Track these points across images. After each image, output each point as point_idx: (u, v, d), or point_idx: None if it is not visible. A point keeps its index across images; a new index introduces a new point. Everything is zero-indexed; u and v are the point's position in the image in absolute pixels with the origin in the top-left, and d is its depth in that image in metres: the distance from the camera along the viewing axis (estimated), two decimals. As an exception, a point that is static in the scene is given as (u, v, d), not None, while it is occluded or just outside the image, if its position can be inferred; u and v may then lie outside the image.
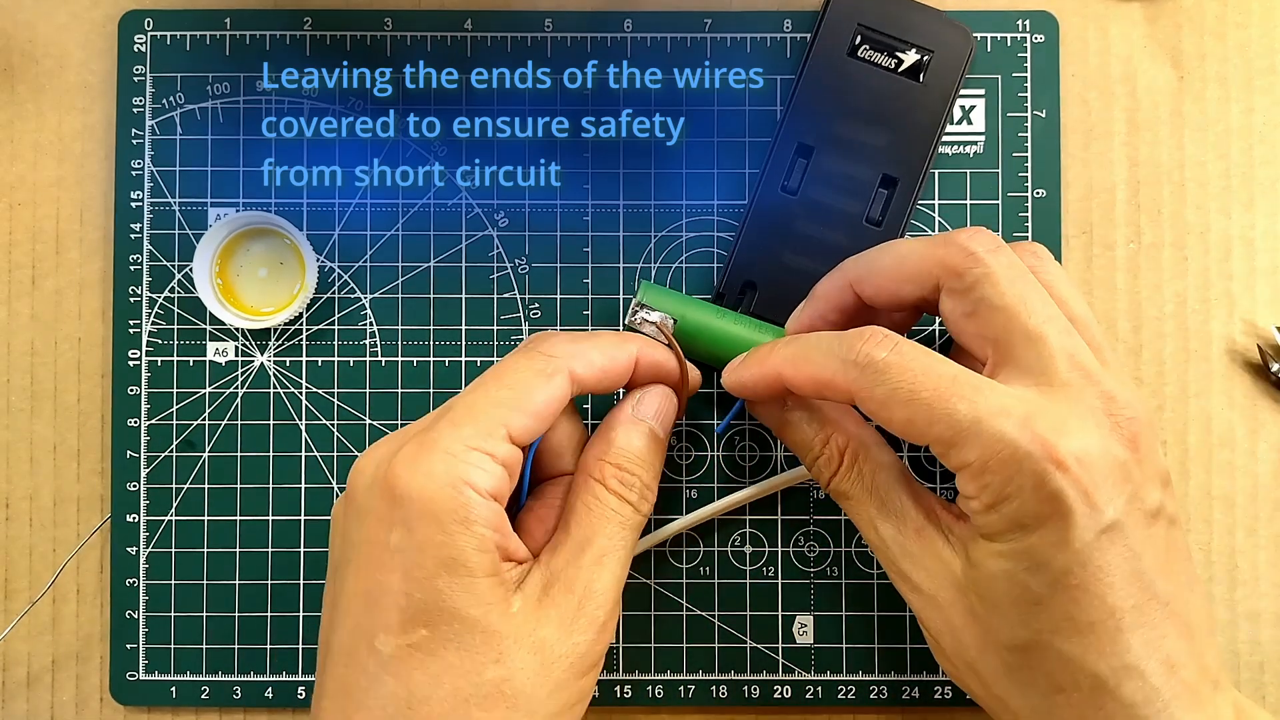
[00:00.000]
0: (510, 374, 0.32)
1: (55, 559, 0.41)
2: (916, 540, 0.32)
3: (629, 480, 0.33)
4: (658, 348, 0.36)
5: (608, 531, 0.32)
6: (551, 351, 0.32)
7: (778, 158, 0.40)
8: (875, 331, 0.31)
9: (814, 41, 0.40)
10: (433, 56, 0.41)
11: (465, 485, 0.29)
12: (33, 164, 0.41)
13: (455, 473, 0.29)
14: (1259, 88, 0.41)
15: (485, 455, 0.30)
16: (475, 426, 0.30)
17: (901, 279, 0.33)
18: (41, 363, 0.41)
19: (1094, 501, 0.28)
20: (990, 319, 0.31)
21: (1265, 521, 0.41)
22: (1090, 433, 0.29)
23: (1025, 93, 0.41)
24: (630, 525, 0.33)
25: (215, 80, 0.41)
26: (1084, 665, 0.28)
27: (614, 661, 0.40)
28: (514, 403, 0.31)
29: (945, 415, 0.29)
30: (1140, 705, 0.28)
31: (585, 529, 0.32)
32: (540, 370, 0.32)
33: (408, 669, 0.29)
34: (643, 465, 0.33)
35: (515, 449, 0.31)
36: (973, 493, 0.29)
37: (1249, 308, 0.41)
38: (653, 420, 0.34)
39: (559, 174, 0.41)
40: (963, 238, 0.32)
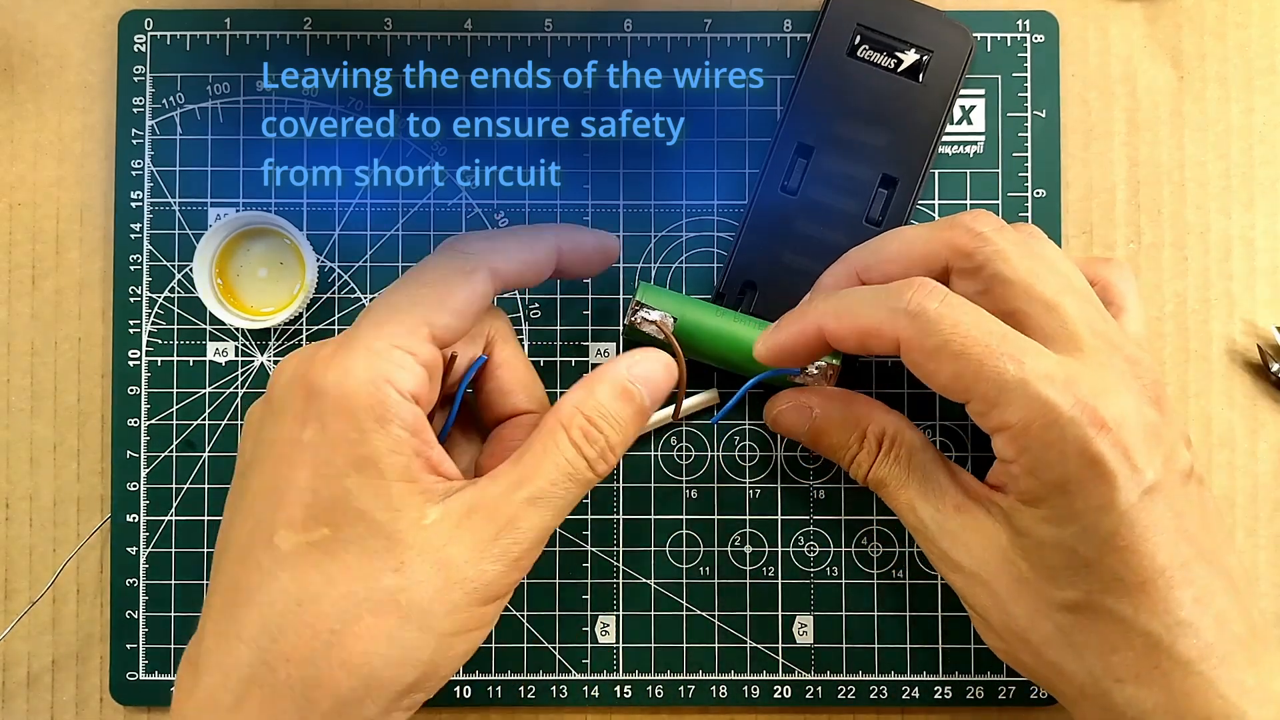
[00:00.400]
0: (430, 272, 0.31)
1: (55, 559, 0.41)
2: (957, 517, 0.32)
3: (594, 436, 0.31)
4: (578, 232, 0.35)
5: (553, 478, 0.30)
6: (468, 249, 0.32)
7: (778, 158, 0.40)
8: (925, 281, 0.31)
9: (814, 41, 0.40)
10: (433, 56, 0.41)
11: (385, 383, 0.29)
12: (33, 164, 0.41)
13: (376, 369, 0.29)
14: (1259, 88, 0.41)
15: (407, 354, 0.29)
16: (397, 325, 0.30)
17: (909, 264, 0.33)
18: (41, 363, 0.41)
19: (1135, 463, 0.29)
20: (1006, 294, 0.31)
21: (1265, 521, 0.41)
22: (1125, 396, 0.29)
23: (1025, 93, 0.41)
24: (578, 480, 0.31)
25: (215, 80, 0.41)
26: (1137, 624, 0.29)
27: (614, 661, 0.40)
28: (435, 300, 0.30)
29: (994, 373, 0.29)
30: (1196, 661, 0.28)
31: (531, 468, 0.30)
32: (459, 268, 0.31)
33: (304, 567, 0.28)
34: (614, 426, 0.32)
35: (436, 351, 0.30)
36: (1012, 455, 0.30)
37: (1249, 308, 0.41)
38: (640, 385, 0.33)
39: (559, 174, 0.41)
40: (967, 219, 0.32)
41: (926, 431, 0.41)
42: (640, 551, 0.40)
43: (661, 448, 0.41)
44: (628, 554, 0.40)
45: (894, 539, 0.40)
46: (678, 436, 0.41)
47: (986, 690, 0.40)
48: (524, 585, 0.40)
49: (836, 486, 0.41)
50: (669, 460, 0.41)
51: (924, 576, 0.40)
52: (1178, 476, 0.30)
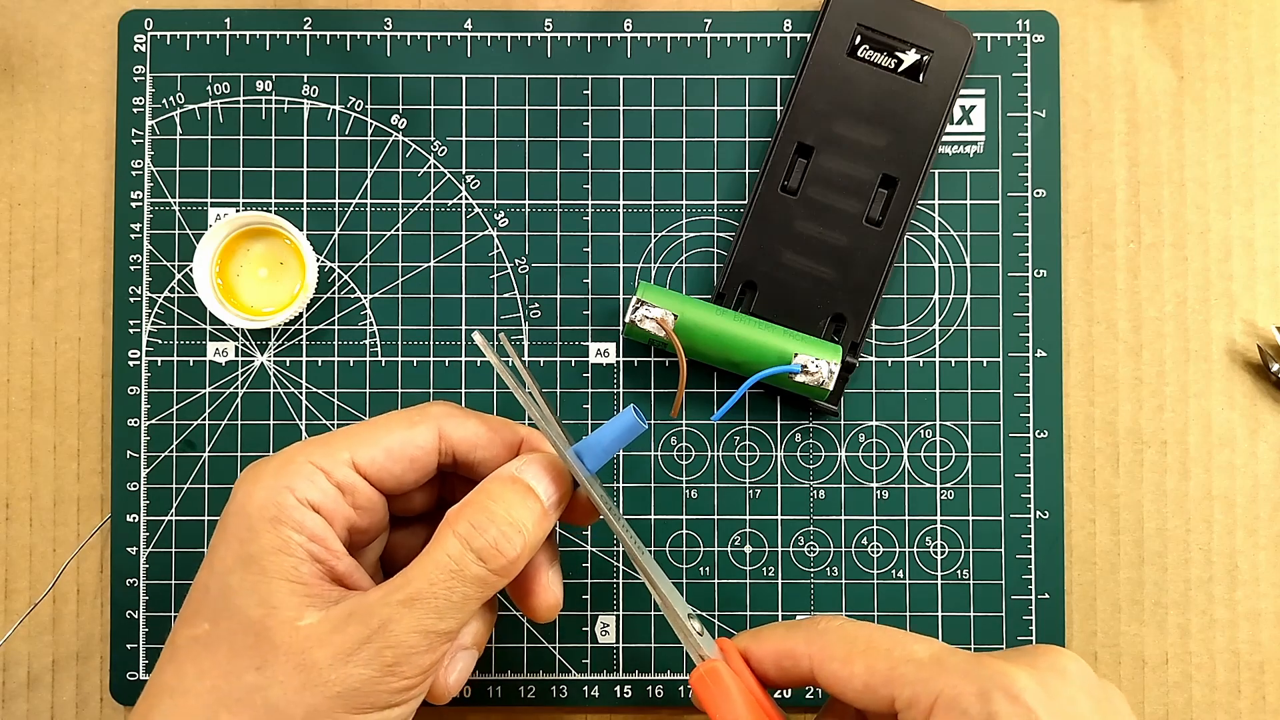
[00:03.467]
0: (381, 417, 0.32)
1: (55, 559, 0.41)
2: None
3: (482, 526, 0.30)
4: (543, 442, 0.33)
5: (431, 577, 0.29)
6: (428, 409, 0.33)
7: (778, 158, 0.40)
8: (833, 615, 0.31)
9: (814, 41, 0.40)
10: (433, 56, 0.41)
11: (285, 489, 0.29)
12: (33, 164, 0.41)
13: (280, 478, 0.30)
14: (1259, 88, 0.41)
15: (318, 470, 0.30)
16: (320, 446, 0.31)
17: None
18: (41, 363, 0.41)
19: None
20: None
21: (1265, 521, 0.41)
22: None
23: (1025, 93, 0.41)
24: (464, 576, 0.29)
25: (215, 80, 0.41)
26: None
27: (614, 661, 0.40)
28: (367, 435, 0.31)
29: (905, 654, 0.29)
30: None
31: (412, 569, 0.29)
32: (407, 417, 0.32)
33: (182, 660, 0.29)
34: (505, 513, 0.30)
35: (357, 478, 0.31)
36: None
37: (1249, 308, 0.41)
38: (530, 478, 0.31)
39: (559, 174, 0.41)
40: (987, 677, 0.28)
41: (927, 431, 0.41)
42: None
43: (661, 448, 0.41)
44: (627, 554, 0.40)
45: (894, 539, 0.40)
46: (678, 436, 0.41)
47: (986, 690, 0.40)
48: (524, 585, 0.40)
49: (836, 487, 0.41)
50: (669, 460, 0.41)
51: (924, 576, 0.40)
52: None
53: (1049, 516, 0.40)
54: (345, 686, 0.28)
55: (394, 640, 0.28)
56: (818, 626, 0.31)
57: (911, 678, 0.28)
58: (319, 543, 0.30)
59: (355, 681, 0.28)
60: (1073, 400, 0.41)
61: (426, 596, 0.29)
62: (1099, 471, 0.41)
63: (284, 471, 0.30)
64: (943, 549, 0.41)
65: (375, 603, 0.29)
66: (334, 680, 0.28)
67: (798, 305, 0.40)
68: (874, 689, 0.29)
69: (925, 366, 0.41)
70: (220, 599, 0.29)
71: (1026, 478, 0.41)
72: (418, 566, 0.29)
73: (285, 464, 0.30)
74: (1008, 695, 0.27)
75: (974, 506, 0.41)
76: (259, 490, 0.30)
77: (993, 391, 0.41)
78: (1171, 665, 0.41)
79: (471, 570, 0.29)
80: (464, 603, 0.29)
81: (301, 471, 0.30)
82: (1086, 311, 0.41)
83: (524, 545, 0.30)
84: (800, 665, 0.30)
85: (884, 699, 0.29)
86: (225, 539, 0.29)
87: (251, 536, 0.29)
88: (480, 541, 0.30)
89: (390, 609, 0.28)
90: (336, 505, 0.30)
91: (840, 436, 0.41)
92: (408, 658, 0.28)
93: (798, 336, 0.38)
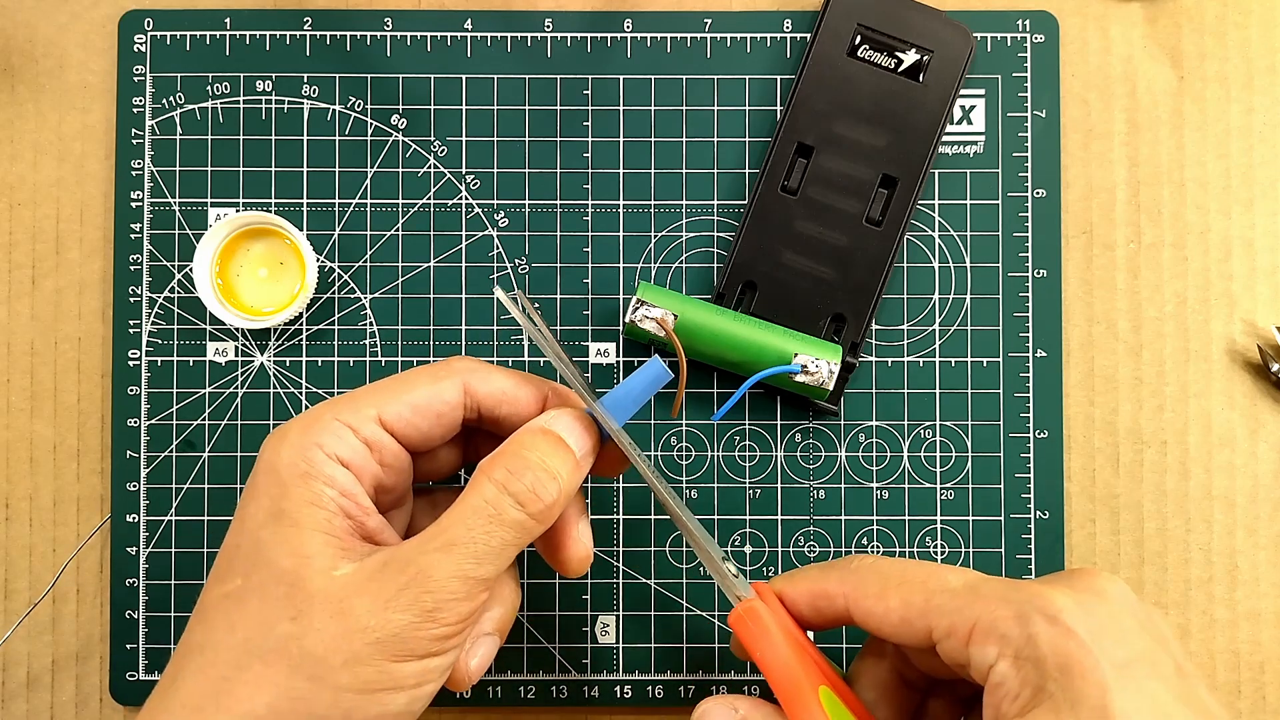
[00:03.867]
0: (405, 373, 0.32)
1: (55, 559, 0.41)
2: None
3: (520, 471, 0.30)
4: (569, 396, 0.33)
5: (469, 522, 0.29)
6: (452, 363, 0.33)
7: (778, 158, 0.40)
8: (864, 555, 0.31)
9: (814, 41, 0.40)
10: (433, 56, 0.41)
11: (314, 446, 0.29)
12: (33, 164, 0.41)
13: (308, 436, 0.29)
14: (1259, 88, 0.41)
15: (346, 427, 0.30)
16: (347, 403, 0.31)
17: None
18: (41, 363, 0.41)
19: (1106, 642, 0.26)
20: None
21: (1265, 521, 0.41)
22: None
23: (1025, 93, 0.41)
24: (502, 521, 0.29)
25: (215, 80, 0.41)
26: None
27: (614, 661, 0.40)
28: (393, 391, 0.31)
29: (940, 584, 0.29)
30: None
31: (448, 517, 0.29)
32: (432, 372, 0.32)
33: (215, 616, 0.28)
34: (542, 460, 0.30)
35: (384, 435, 0.31)
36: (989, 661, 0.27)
37: (1249, 308, 0.41)
38: (560, 429, 0.31)
39: (559, 174, 0.41)
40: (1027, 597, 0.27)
41: (927, 431, 0.41)
42: (640, 551, 0.40)
43: (662, 448, 0.41)
44: (628, 554, 0.40)
45: (894, 539, 0.40)
46: (678, 436, 0.41)
47: (986, 690, 0.40)
48: (524, 586, 0.40)
49: (836, 487, 0.41)
50: (669, 460, 0.41)
51: (924, 576, 0.40)
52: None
53: (1049, 516, 0.40)
54: (385, 633, 0.27)
55: (433, 585, 0.28)
56: (851, 565, 0.31)
57: (948, 607, 0.28)
58: (350, 498, 0.29)
59: (395, 627, 0.27)
60: (1073, 400, 0.41)
61: (464, 542, 0.28)
62: (1099, 471, 0.41)
63: (312, 429, 0.30)
64: (943, 549, 0.41)
65: (412, 551, 0.28)
66: (373, 626, 0.27)
67: (798, 305, 0.40)
68: (910, 622, 0.28)
69: (925, 366, 0.41)
70: (252, 554, 0.28)
71: (1026, 478, 0.41)
72: (454, 514, 0.29)
73: (313, 421, 0.30)
74: (1046, 616, 0.26)
75: (974, 506, 0.41)
76: (286, 448, 0.29)
77: (993, 391, 0.41)
78: (1171, 665, 0.41)
79: (509, 514, 0.29)
80: (501, 549, 0.29)
81: (329, 428, 0.30)
82: (1086, 311, 0.41)
83: (559, 492, 0.30)
84: (835, 604, 0.30)
85: (921, 631, 0.28)
86: (255, 496, 0.29)
87: (282, 492, 0.29)
88: (518, 485, 0.30)
89: (428, 556, 0.28)
90: (365, 461, 0.30)
91: (840, 436, 0.41)
92: (447, 604, 0.28)
93: (798, 336, 0.39)
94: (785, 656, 0.30)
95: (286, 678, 0.27)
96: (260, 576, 0.28)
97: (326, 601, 0.28)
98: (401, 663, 0.28)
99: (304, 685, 0.27)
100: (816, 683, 0.30)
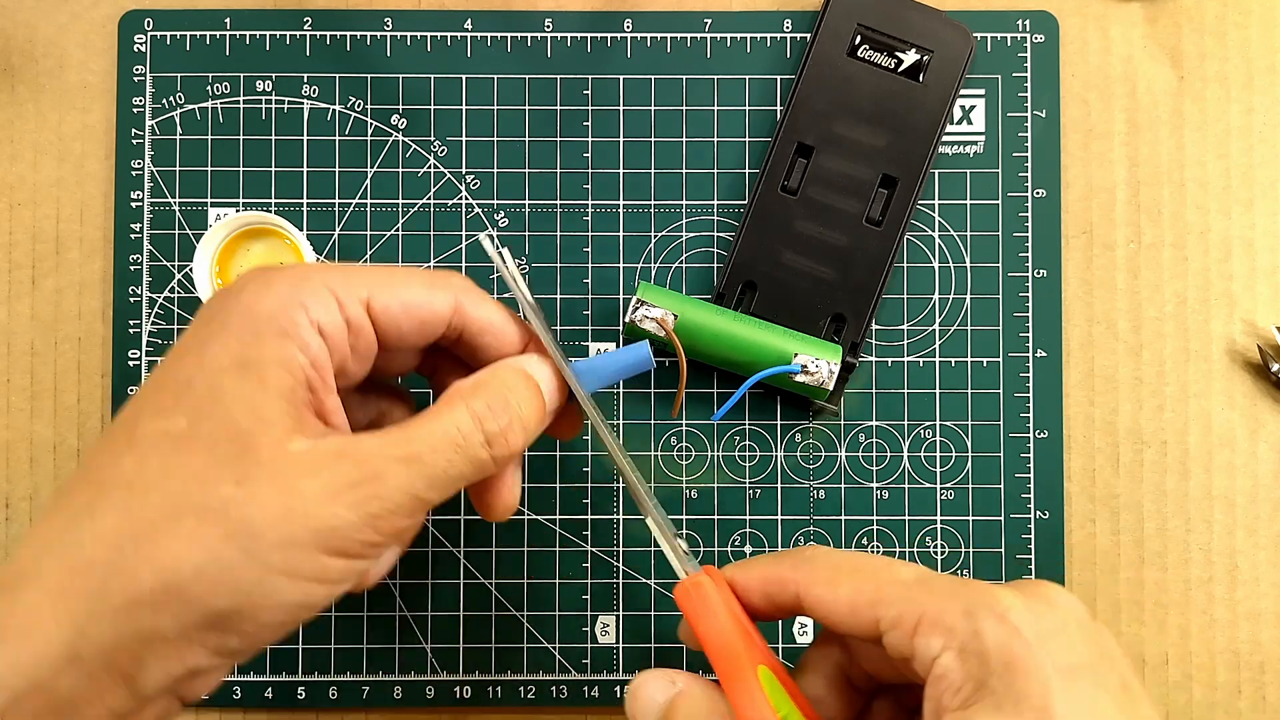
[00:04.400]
0: (402, 268, 0.31)
1: (55, 559, 0.41)
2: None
3: (499, 410, 0.29)
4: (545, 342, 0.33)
5: (435, 444, 0.28)
6: (450, 278, 0.32)
7: (778, 158, 0.40)
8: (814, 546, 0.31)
9: (814, 41, 0.40)
10: (433, 56, 0.41)
11: (300, 306, 0.28)
12: (33, 164, 0.41)
13: (296, 293, 0.28)
14: (1259, 88, 0.42)
15: (334, 298, 0.29)
16: (342, 276, 0.29)
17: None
18: (41, 363, 0.41)
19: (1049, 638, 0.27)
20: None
21: (1265, 521, 0.41)
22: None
23: (1025, 93, 0.41)
24: (466, 454, 0.29)
25: (215, 80, 0.41)
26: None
27: (614, 661, 0.40)
28: (388, 281, 0.30)
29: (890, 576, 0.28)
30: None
31: (415, 428, 0.28)
32: (429, 279, 0.31)
33: (150, 454, 0.26)
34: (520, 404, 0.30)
35: (366, 319, 0.29)
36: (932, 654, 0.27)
37: (1249, 308, 0.41)
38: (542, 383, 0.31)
39: (559, 174, 0.41)
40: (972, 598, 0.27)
41: (927, 431, 0.41)
42: (640, 551, 0.40)
43: (662, 448, 0.41)
44: (628, 554, 0.40)
45: (894, 539, 0.40)
46: (678, 436, 0.41)
47: (986, 690, 0.40)
48: (524, 585, 0.40)
49: (836, 487, 0.41)
50: (669, 460, 0.41)
51: (924, 576, 0.40)
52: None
53: (1049, 516, 0.40)
54: (325, 525, 0.26)
55: (384, 493, 0.27)
56: (804, 554, 0.30)
57: (897, 597, 0.27)
58: (318, 370, 0.28)
59: (337, 522, 0.26)
60: (1073, 400, 0.41)
61: (426, 462, 0.28)
62: (1099, 471, 0.41)
63: (301, 288, 0.28)
64: (943, 549, 0.41)
65: (371, 450, 0.27)
66: (316, 515, 0.26)
67: (798, 305, 0.40)
68: (859, 610, 0.28)
69: (925, 366, 0.41)
70: (207, 398, 0.27)
71: (1026, 478, 0.41)
72: (421, 428, 0.28)
73: (303, 280, 0.28)
74: (994, 614, 0.26)
75: (974, 506, 0.41)
76: (270, 296, 0.28)
77: (993, 391, 0.41)
78: (1172, 665, 0.41)
79: (476, 451, 0.29)
80: (456, 479, 0.29)
81: (318, 294, 0.28)
82: (1086, 311, 0.41)
83: (524, 443, 0.30)
84: (787, 591, 0.30)
85: (869, 621, 0.28)
86: (224, 335, 0.27)
87: (256, 341, 0.27)
88: (493, 425, 0.29)
89: (386, 462, 0.27)
90: (340, 340, 0.29)
91: (840, 436, 0.41)
92: (390, 515, 0.27)
93: (798, 336, 0.39)
94: (727, 632, 0.30)
95: (219, 542, 0.25)
96: (211, 427, 0.26)
97: (275, 476, 0.26)
98: (331, 557, 0.27)
99: (234, 555, 0.25)
100: (756, 661, 0.29)
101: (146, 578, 0.25)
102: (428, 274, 0.31)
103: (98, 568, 0.25)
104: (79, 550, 0.25)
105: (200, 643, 0.26)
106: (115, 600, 0.25)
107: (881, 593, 0.28)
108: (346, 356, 0.29)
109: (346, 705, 0.40)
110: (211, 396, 0.27)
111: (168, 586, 0.25)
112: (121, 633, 0.25)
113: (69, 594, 0.25)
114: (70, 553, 0.25)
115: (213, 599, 0.25)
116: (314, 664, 0.40)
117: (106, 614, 0.25)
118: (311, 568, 0.26)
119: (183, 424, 0.26)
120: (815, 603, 0.29)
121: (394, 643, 0.40)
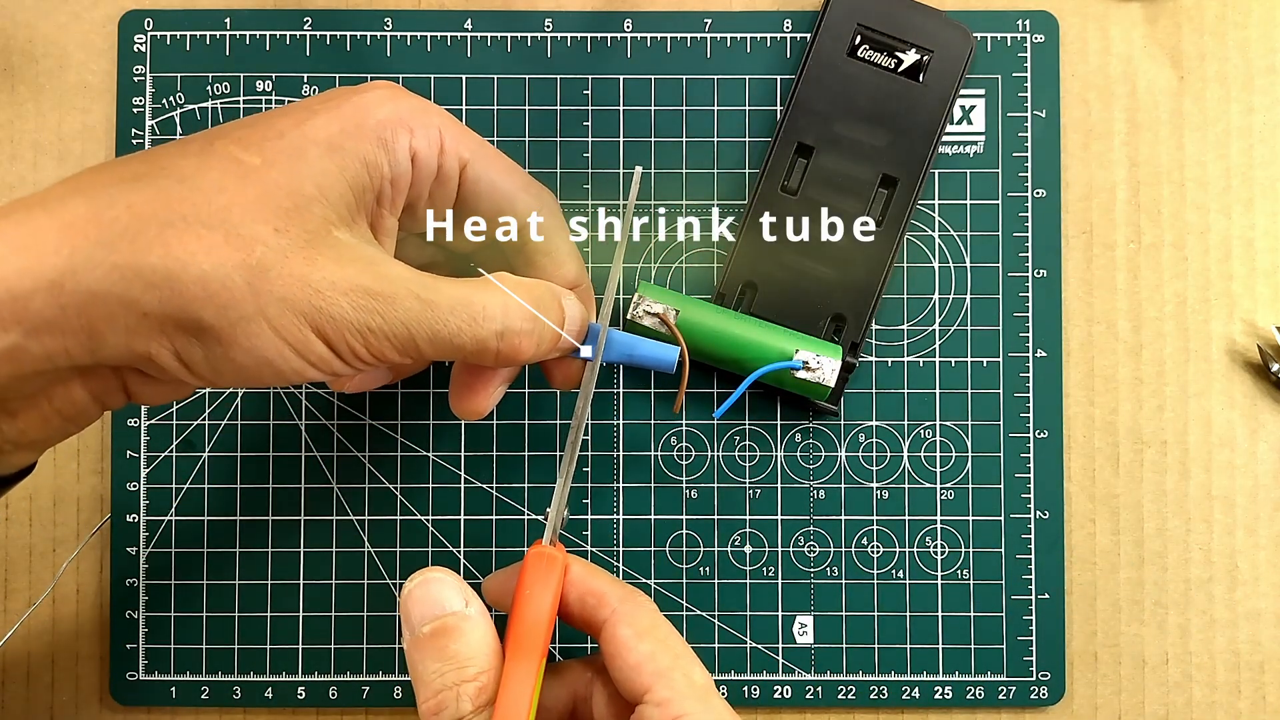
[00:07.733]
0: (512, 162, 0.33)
1: (55, 559, 0.41)
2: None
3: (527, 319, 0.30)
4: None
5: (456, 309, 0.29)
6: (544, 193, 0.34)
7: (778, 158, 0.40)
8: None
9: (814, 41, 0.40)
10: (433, 56, 0.41)
11: (406, 130, 0.29)
12: (33, 164, 0.41)
13: (409, 117, 0.30)
14: (1259, 88, 0.42)
15: (439, 142, 0.30)
16: (457, 130, 0.31)
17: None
18: (41, 363, 0.41)
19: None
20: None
21: (1265, 521, 0.41)
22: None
23: (1025, 93, 0.41)
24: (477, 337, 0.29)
25: (215, 80, 0.41)
26: None
27: (614, 661, 0.40)
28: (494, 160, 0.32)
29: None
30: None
31: (446, 287, 0.29)
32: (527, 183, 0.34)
33: (215, 165, 0.27)
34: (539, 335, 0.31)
35: (455, 181, 0.31)
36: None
37: (1249, 308, 0.41)
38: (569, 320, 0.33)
39: (559, 174, 0.41)
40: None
41: (927, 431, 0.41)
42: (640, 551, 0.40)
43: (662, 448, 0.41)
44: (628, 554, 0.40)
45: (894, 539, 0.41)
46: (678, 436, 0.41)
47: (986, 690, 0.40)
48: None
49: (836, 487, 0.41)
50: (669, 460, 0.41)
51: (924, 576, 0.40)
52: None
53: (1049, 516, 0.40)
54: (325, 308, 0.27)
55: (389, 315, 0.28)
56: (638, 598, 0.32)
57: (679, 689, 0.30)
58: (394, 188, 0.30)
59: (335, 311, 0.27)
60: (1073, 400, 0.41)
61: (440, 315, 0.29)
62: (1099, 471, 0.41)
63: (417, 115, 0.30)
64: (943, 549, 0.41)
65: (398, 275, 0.28)
66: (320, 292, 0.27)
67: (798, 305, 0.40)
68: (642, 671, 0.30)
69: (925, 366, 0.41)
70: (288, 154, 0.28)
71: (1026, 478, 0.41)
72: (452, 286, 0.29)
73: (422, 110, 0.30)
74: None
75: (974, 506, 0.41)
76: (388, 107, 0.29)
77: (993, 391, 0.41)
78: (1171, 665, 0.41)
79: (487, 333, 0.30)
80: (456, 349, 0.29)
81: (428, 129, 0.30)
82: (1086, 311, 0.41)
83: (529, 356, 0.31)
84: (600, 613, 0.31)
85: (644, 685, 0.30)
86: (330, 115, 0.29)
87: (355, 133, 0.29)
88: (518, 326, 0.30)
89: (406, 292, 0.28)
90: (424, 176, 0.30)
91: (840, 436, 0.41)
92: (383, 337, 0.28)
93: (798, 336, 0.39)
94: (544, 610, 0.31)
95: (234, 268, 0.26)
96: (278, 176, 0.27)
97: (309, 245, 0.27)
98: (316, 337, 0.27)
99: (240, 284, 0.26)
100: (545, 652, 0.31)
101: (156, 258, 0.26)
102: (528, 177, 0.34)
103: (117, 225, 0.26)
104: (109, 205, 0.26)
105: (169, 336, 0.26)
106: (117, 258, 0.26)
107: (671, 674, 0.30)
108: (422, 197, 0.31)
109: (346, 705, 0.40)
110: (293, 154, 0.28)
111: (169, 274, 0.26)
112: (109, 288, 0.25)
113: (78, 232, 0.26)
114: (100, 202, 0.26)
115: (199, 308, 0.26)
116: (314, 664, 0.40)
117: (103, 264, 0.25)
118: (296, 335, 0.27)
119: (257, 161, 0.27)
120: (611, 638, 0.31)
121: (394, 643, 0.40)
